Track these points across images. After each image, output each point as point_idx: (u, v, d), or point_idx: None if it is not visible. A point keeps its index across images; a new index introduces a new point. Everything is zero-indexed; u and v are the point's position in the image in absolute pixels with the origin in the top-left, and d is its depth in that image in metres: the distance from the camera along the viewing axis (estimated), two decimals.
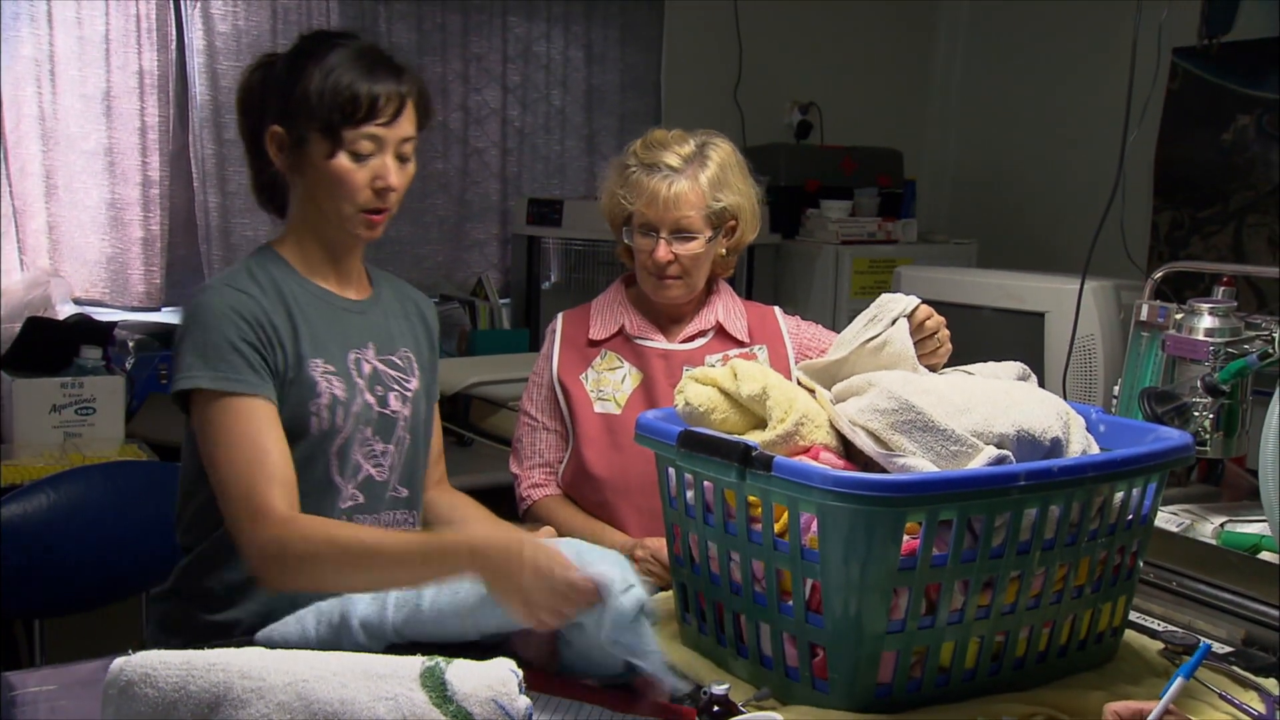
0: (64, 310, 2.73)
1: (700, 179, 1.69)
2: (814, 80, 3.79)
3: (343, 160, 1.33)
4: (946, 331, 1.50)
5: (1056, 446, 1.23)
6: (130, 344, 2.58)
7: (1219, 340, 1.59)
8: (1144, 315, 1.75)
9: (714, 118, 3.72)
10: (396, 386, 1.46)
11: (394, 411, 1.45)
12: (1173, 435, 1.32)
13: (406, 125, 1.37)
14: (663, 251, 1.69)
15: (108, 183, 2.75)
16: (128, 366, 2.55)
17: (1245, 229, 3.28)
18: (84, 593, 1.91)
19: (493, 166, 3.29)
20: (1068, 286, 2.03)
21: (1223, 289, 1.70)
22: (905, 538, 1.12)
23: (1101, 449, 1.34)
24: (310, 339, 1.38)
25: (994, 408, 1.21)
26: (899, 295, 1.41)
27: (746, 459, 1.16)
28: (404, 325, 1.52)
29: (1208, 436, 1.59)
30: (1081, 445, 1.27)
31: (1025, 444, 1.21)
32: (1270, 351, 1.44)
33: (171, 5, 2.74)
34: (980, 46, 4.02)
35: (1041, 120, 3.76)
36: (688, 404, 1.31)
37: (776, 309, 1.89)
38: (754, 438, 1.26)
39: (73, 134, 2.71)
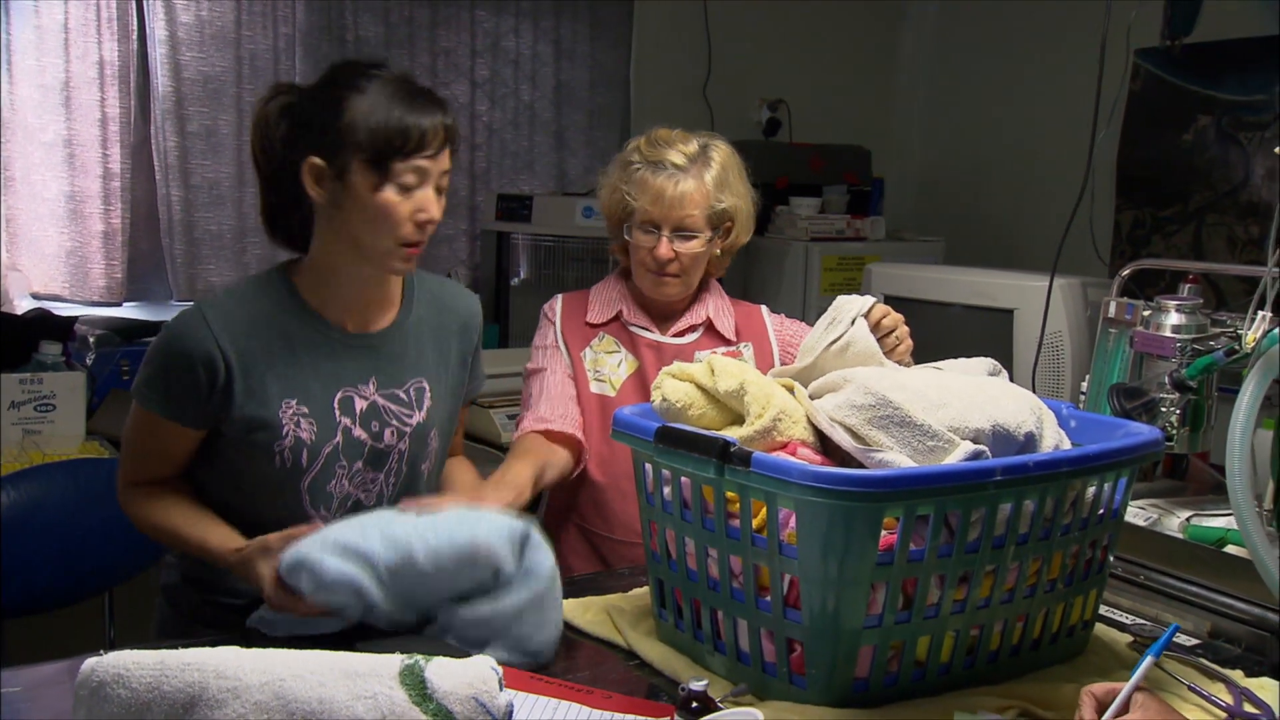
0: (22, 305, 2.68)
1: (705, 178, 1.71)
2: (783, 78, 3.80)
3: (389, 193, 1.33)
4: (905, 329, 1.52)
5: (1030, 441, 1.24)
6: (91, 339, 2.54)
7: (1185, 337, 1.61)
8: (1111, 312, 1.77)
9: (683, 114, 3.70)
10: (395, 421, 1.46)
11: (388, 445, 1.46)
12: (1142, 430, 1.34)
13: (446, 158, 1.38)
14: (664, 249, 1.71)
15: (67, 175, 2.69)
16: (88, 362, 2.51)
17: (1205, 228, 3.34)
18: (44, 593, 1.88)
19: (461, 161, 3.27)
20: (1036, 284, 2.06)
21: (1188, 286, 1.72)
22: (883, 533, 1.12)
23: (1073, 444, 1.35)
24: (285, 379, 1.39)
25: (970, 403, 1.22)
26: (854, 296, 1.43)
27: (725, 455, 1.16)
28: (428, 350, 1.51)
29: (1174, 432, 1.61)
30: (1054, 440, 1.29)
31: (1000, 439, 1.22)
32: (1236, 348, 1.46)
33: None
34: (947, 46, 4.05)
35: (1007, 120, 3.80)
36: (665, 400, 1.31)
37: (763, 308, 1.93)
38: (731, 433, 1.26)
39: (30, 125, 2.66)
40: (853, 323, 1.39)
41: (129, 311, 2.80)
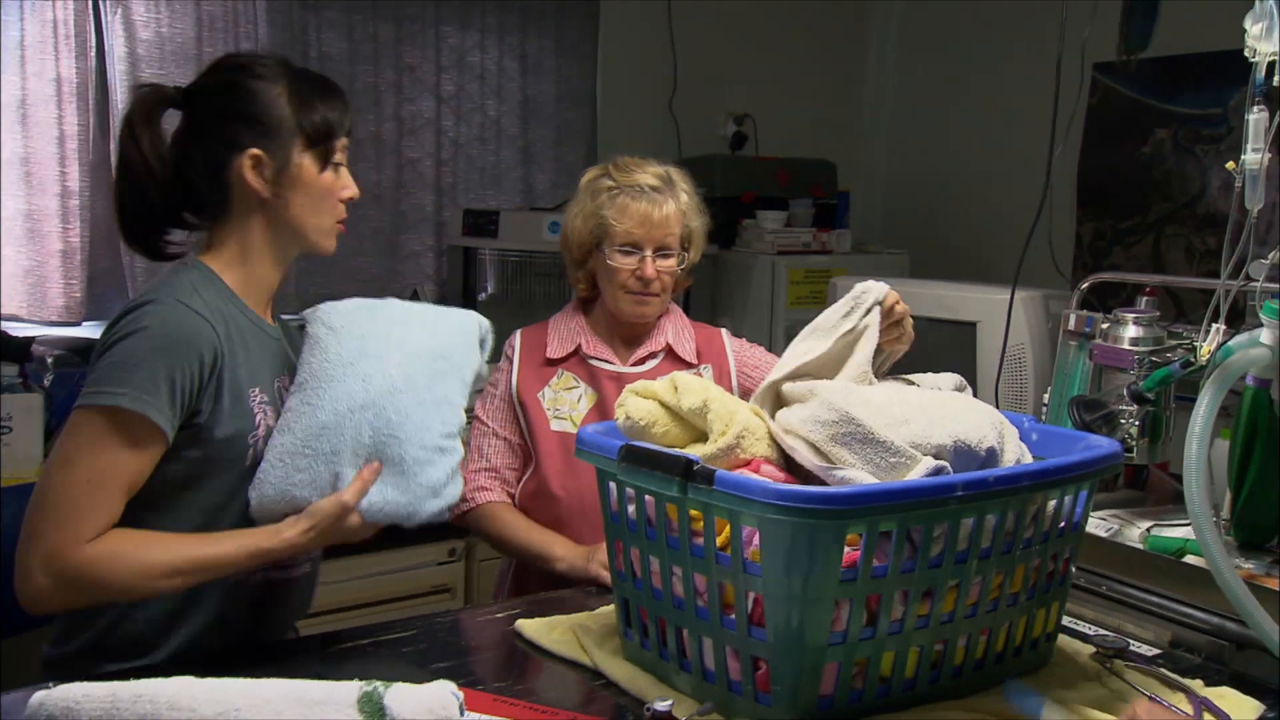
0: None
1: (681, 201, 1.82)
2: (749, 92, 3.82)
3: (329, 174, 1.41)
4: (910, 319, 1.54)
5: (992, 456, 1.25)
6: (49, 360, 2.49)
7: (1143, 349, 1.63)
8: (1071, 325, 1.80)
9: (650, 129, 3.75)
10: None
11: None
12: (1102, 443, 1.36)
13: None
14: (651, 268, 1.78)
15: (24, 193, 2.65)
16: (46, 383, 2.46)
17: (1163, 239, 3.39)
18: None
19: (427, 177, 3.25)
20: (998, 297, 2.08)
21: (1145, 299, 1.74)
22: (846, 549, 1.12)
23: (1035, 457, 1.36)
24: (248, 367, 1.38)
25: (931, 419, 1.23)
26: (872, 282, 1.42)
27: (688, 473, 1.16)
28: (290, 350, 1.50)
29: (1134, 443, 1.63)
30: (1015, 454, 1.30)
31: (962, 454, 1.22)
32: (1192, 360, 1.48)
33: (91, 11, 2.66)
34: (911, 61, 4.09)
35: (971, 133, 3.84)
36: (628, 418, 1.31)
37: (724, 331, 1.97)
38: (695, 451, 1.26)
39: None
40: (867, 312, 1.39)
41: (88, 331, 2.75)
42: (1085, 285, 1.84)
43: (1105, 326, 1.70)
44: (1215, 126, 3.25)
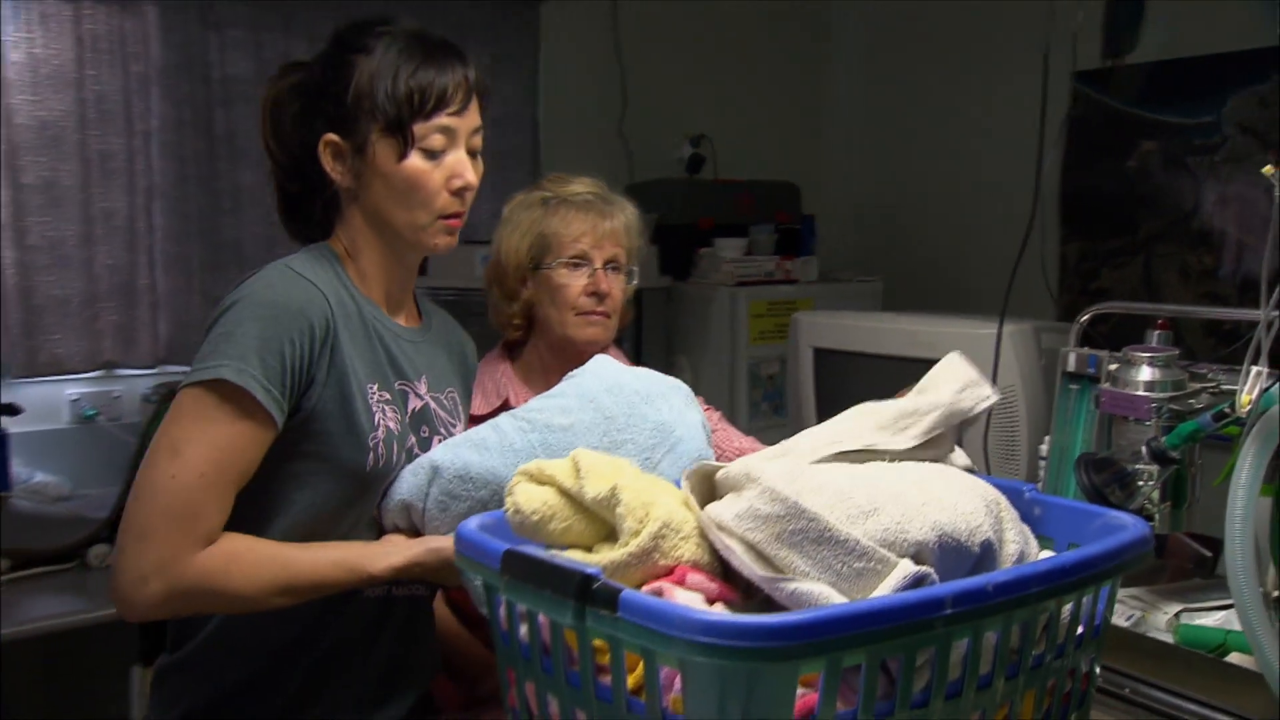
0: None
1: (627, 213, 1.70)
2: (705, 112, 3.57)
3: (416, 161, 1.21)
4: None
5: (988, 552, 0.96)
6: None
7: (1161, 395, 1.36)
8: (1071, 365, 1.52)
9: (599, 153, 3.47)
10: (444, 430, 1.32)
11: None
12: (1125, 522, 1.07)
13: (475, 113, 1.26)
14: (604, 280, 1.64)
15: None
16: None
17: (1155, 259, 3.13)
18: None
19: None
20: (983, 331, 1.80)
21: (1158, 333, 1.47)
22: (801, 690, 0.84)
23: (1038, 537, 1.09)
24: (362, 359, 1.23)
25: (907, 507, 0.94)
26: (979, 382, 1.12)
27: (585, 593, 0.86)
28: (450, 365, 1.40)
29: (1154, 509, 1.35)
30: (1018, 545, 1.01)
31: (949, 552, 0.94)
32: (1226, 411, 1.21)
33: None
34: (877, 77, 3.86)
35: (943, 150, 3.60)
36: (518, 511, 1.01)
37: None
38: (602, 556, 0.97)
39: None
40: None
41: None
42: (1085, 318, 1.56)
43: (1113, 368, 1.42)
44: (1208, 136, 3.01)
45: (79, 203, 2.50)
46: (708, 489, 1.05)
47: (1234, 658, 1.24)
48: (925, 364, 1.98)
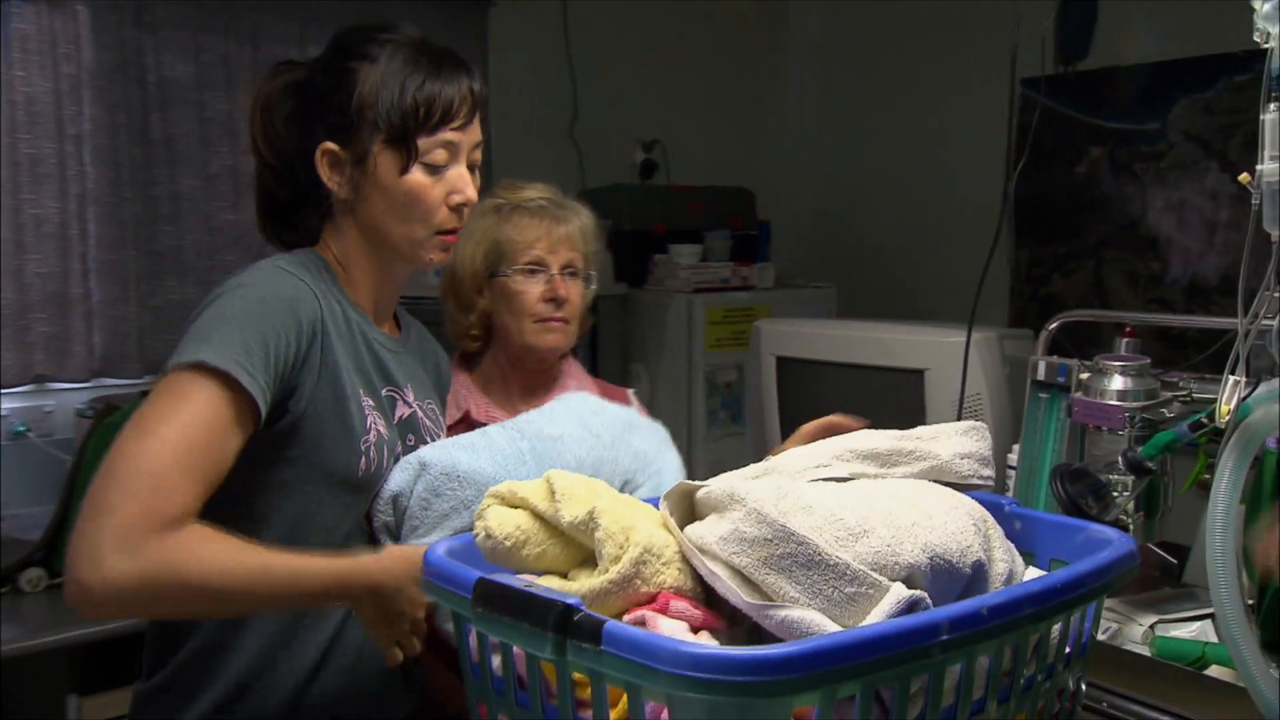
0: None
1: (582, 217, 1.67)
2: (657, 117, 3.53)
3: (417, 175, 1.18)
4: None
5: (979, 573, 0.94)
6: None
7: (1134, 405, 1.34)
8: (1041, 374, 1.50)
9: (550, 158, 3.41)
10: (429, 439, 1.29)
11: None
12: (1109, 536, 1.05)
13: (477, 127, 1.23)
14: (561, 286, 1.60)
15: None
16: None
17: (1105, 265, 3.17)
18: None
19: None
20: (950, 339, 1.79)
21: (1126, 341, 1.46)
22: None
23: (1021, 552, 1.07)
24: (350, 364, 1.19)
25: (898, 528, 0.90)
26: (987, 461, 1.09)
27: (565, 626, 0.81)
28: (427, 377, 1.37)
29: (1128, 519, 1.34)
30: (1007, 564, 0.98)
31: (941, 574, 0.91)
32: (1203, 421, 1.19)
33: None
34: (830, 82, 3.85)
35: (898, 156, 3.61)
36: (489, 536, 0.96)
37: (631, 392, 1.74)
38: (581, 580, 0.92)
39: None
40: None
41: None
42: (1054, 326, 1.55)
43: (1085, 377, 1.41)
44: (1154, 143, 3.05)
45: (8, 209, 2.38)
46: (686, 509, 1.01)
47: (1213, 670, 1.22)
48: (889, 372, 1.98)
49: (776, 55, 3.90)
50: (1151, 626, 1.32)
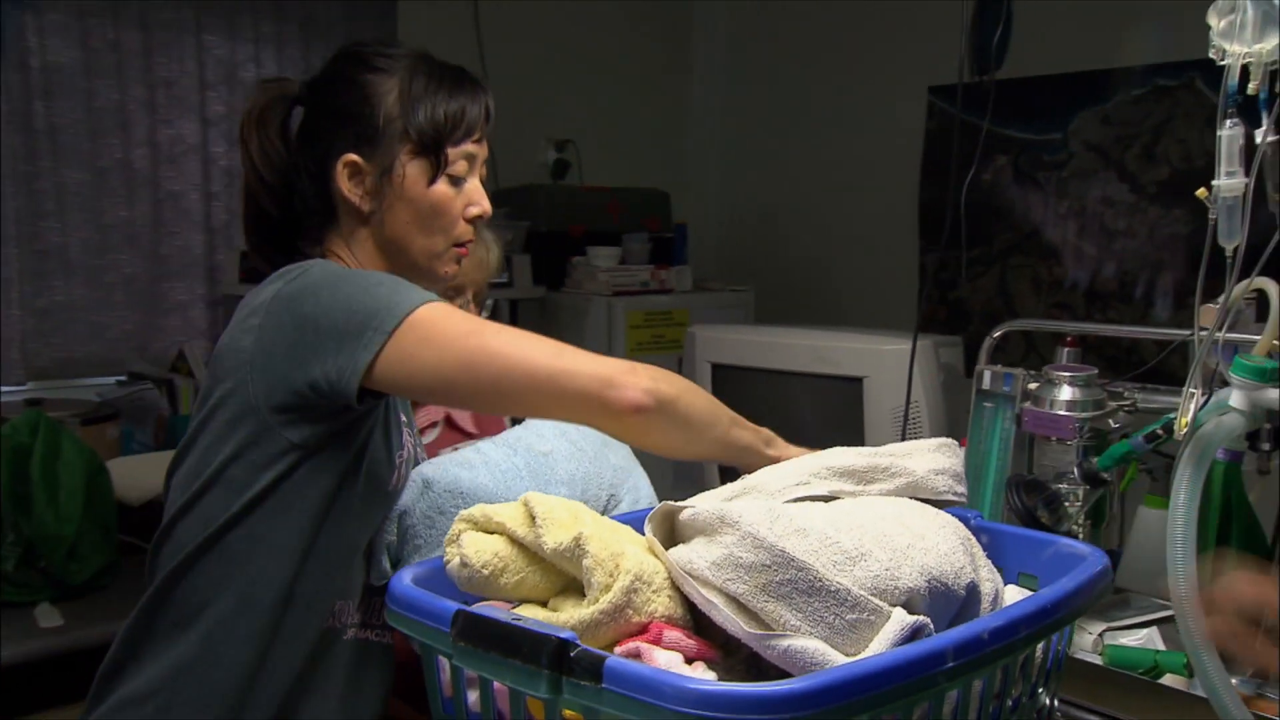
0: None
1: (497, 249, 1.67)
2: (569, 116, 3.48)
3: (443, 186, 1.18)
4: None
5: (972, 595, 0.92)
6: None
7: (1084, 415, 1.36)
8: (987, 383, 1.51)
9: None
10: (421, 454, 1.27)
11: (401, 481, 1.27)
12: (1080, 550, 1.06)
13: (487, 142, 1.24)
14: (474, 312, 1.61)
15: None
16: None
17: (1010, 271, 3.25)
18: None
19: (193, 214, 2.73)
20: (888, 347, 1.78)
21: (1068, 350, 1.48)
22: None
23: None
24: None
25: (895, 551, 0.88)
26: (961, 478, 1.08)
27: (562, 662, 0.77)
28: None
29: (1078, 529, 1.35)
30: (992, 584, 0.97)
31: (938, 598, 0.89)
32: (1159, 433, 1.21)
33: None
34: (738, 86, 3.86)
35: (809, 159, 3.63)
36: (466, 563, 0.90)
37: None
38: (567, 614, 0.87)
39: None
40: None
41: None
42: (998, 333, 1.56)
43: (1033, 387, 1.42)
44: (1055, 152, 3.14)
45: None
46: (668, 531, 0.97)
47: (1167, 679, 1.25)
48: (828, 380, 1.97)
49: (686, 57, 3.89)
50: (1100, 635, 1.34)
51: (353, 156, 1.17)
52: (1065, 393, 1.38)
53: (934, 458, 1.08)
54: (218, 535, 1.07)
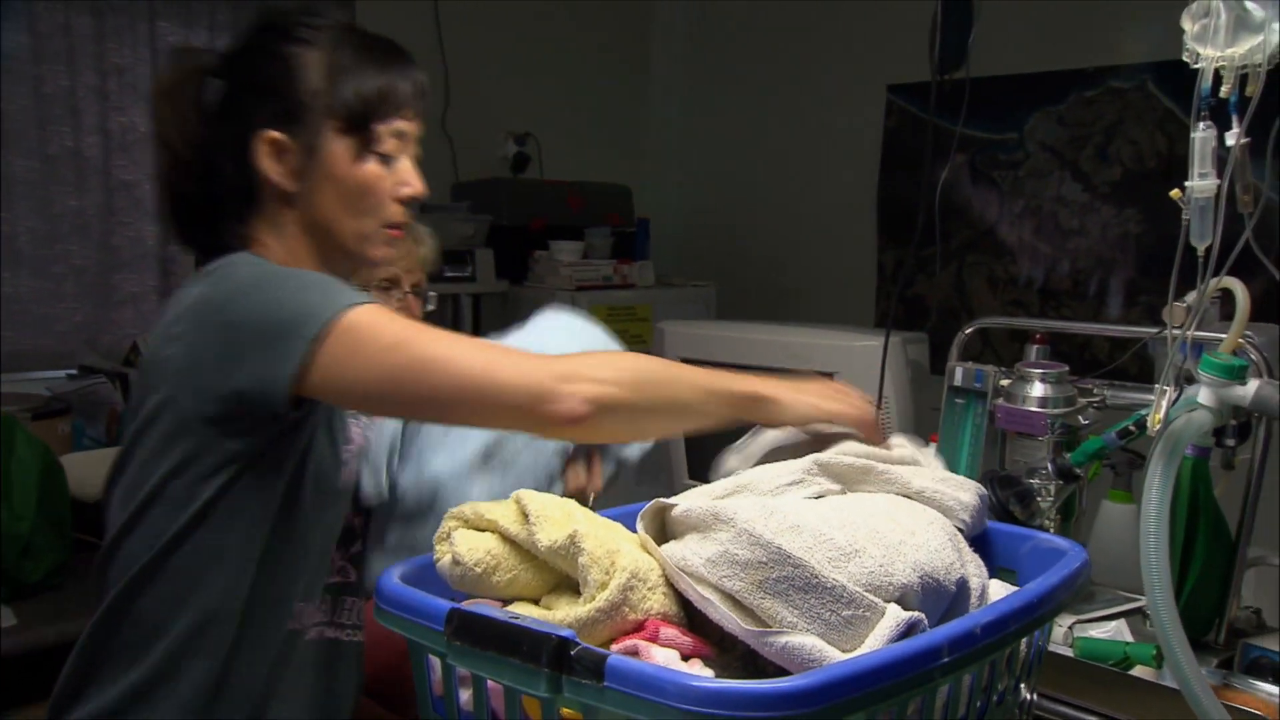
0: None
1: (431, 241, 1.72)
2: (530, 109, 3.46)
3: (371, 165, 1.12)
4: None
5: (962, 590, 0.93)
6: None
7: (1055, 411, 1.38)
8: (959, 379, 1.53)
9: (423, 150, 3.29)
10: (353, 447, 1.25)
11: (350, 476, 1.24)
12: (1060, 545, 1.08)
13: (420, 121, 1.17)
14: (414, 305, 1.65)
15: None
16: None
17: (966, 268, 3.30)
18: None
19: (146, 204, 2.66)
20: (860, 343, 1.80)
21: (1036, 348, 1.51)
22: None
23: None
24: None
25: (888, 547, 0.89)
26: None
27: (563, 661, 0.76)
28: None
29: (1049, 524, 1.37)
30: (979, 579, 0.98)
31: (930, 593, 0.90)
32: (1131, 429, 1.23)
33: None
34: (697, 81, 3.87)
35: (767, 157, 3.65)
36: (458, 562, 0.89)
37: None
38: (562, 612, 0.86)
39: None
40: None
41: None
42: (969, 330, 1.58)
43: (1006, 383, 1.44)
44: (1012, 151, 3.19)
45: None
46: (658, 528, 0.97)
47: (1137, 670, 1.27)
48: (800, 375, 1.97)
49: (645, 52, 3.88)
50: (1070, 627, 1.36)
51: (274, 133, 1.11)
52: (1038, 389, 1.40)
53: (916, 456, 1.09)
54: (165, 552, 1.03)
